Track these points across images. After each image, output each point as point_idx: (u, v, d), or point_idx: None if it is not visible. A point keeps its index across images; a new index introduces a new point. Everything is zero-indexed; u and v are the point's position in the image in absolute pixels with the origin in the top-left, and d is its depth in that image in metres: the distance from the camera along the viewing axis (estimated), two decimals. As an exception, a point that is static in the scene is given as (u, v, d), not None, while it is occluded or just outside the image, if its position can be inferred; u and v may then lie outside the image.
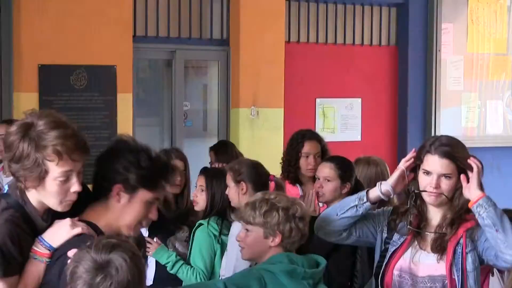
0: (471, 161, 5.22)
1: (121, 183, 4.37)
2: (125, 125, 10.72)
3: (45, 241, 4.31)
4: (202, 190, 7.56)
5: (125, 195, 4.39)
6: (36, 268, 4.35)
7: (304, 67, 12.00)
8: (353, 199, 5.50)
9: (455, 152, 5.26)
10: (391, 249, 5.43)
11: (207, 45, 11.60)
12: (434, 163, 5.18)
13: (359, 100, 12.47)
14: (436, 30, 12.75)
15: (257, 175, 6.88)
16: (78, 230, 4.28)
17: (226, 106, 11.69)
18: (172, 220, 7.51)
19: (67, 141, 4.13)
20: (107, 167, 4.46)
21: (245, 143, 11.18)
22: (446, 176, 5.15)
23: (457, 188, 5.18)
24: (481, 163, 5.28)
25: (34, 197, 4.38)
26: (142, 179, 4.41)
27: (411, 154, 5.37)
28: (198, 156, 10.13)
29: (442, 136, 5.55)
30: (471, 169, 5.21)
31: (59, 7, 10.28)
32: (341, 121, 12.31)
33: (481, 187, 5.21)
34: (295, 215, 5.01)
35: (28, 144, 4.11)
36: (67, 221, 4.32)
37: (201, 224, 7.17)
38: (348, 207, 5.46)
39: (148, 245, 6.97)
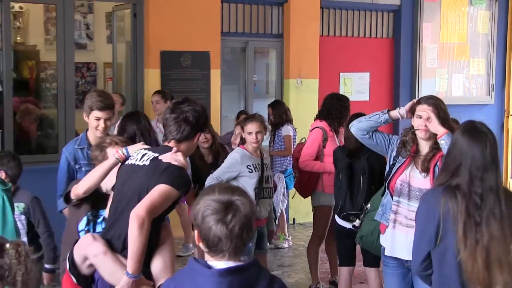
0: (427, 109, 5.41)
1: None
2: (215, 91, 11.21)
3: (127, 150, 4.85)
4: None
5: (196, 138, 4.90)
6: (112, 163, 4.84)
7: (331, 52, 12.24)
8: (379, 112, 5.83)
9: (437, 103, 5.50)
10: (397, 165, 5.67)
11: (268, 37, 11.94)
12: (423, 109, 5.44)
13: (368, 73, 12.79)
14: (419, 27, 12.98)
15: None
16: (177, 162, 4.62)
17: (281, 78, 12.02)
18: (206, 172, 7.35)
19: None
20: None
21: (292, 102, 11.55)
22: (430, 118, 5.38)
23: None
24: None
25: None
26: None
27: (412, 102, 5.67)
28: (262, 110, 10.03)
29: (429, 95, 5.90)
30: (447, 115, 5.50)
31: (174, 14, 10.59)
32: (356, 88, 12.53)
33: (448, 127, 5.34)
34: None
35: None
36: (140, 144, 5.04)
37: None
38: (374, 115, 5.80)
39: None
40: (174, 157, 4.62)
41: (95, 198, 5.06)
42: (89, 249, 4.45)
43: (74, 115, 10.45)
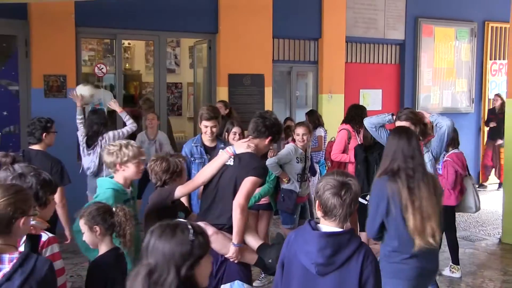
0: (424, 113, 5.77)
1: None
2: (268, 103, 11.09)
3: (234, 148, 4.59)
4: None
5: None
6: (223, 158, 4.60)
7: (353, 74, 12.10)
8: (386, 113, 5.91)
9: (409, 116, 5.68)
10: None
11: (307, 64, 11.75)
12: (400, 123, 5.55)
13: (381, 90, 12.63)
14: (419, 56, 12.83)
15: None
16: (249, 148, 4.58)
17: (316, 93, 11.87)
18: None
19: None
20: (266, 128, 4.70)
21: (325, 111, 11.36)
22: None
23: (418, 133, 5.47)
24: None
25: None
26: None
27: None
28: (302, 118, 10.24)
29: (405, 109, 6.23)
30: (422, 122, 5.75)
31: (238, 47, 10.54)
32: (372, 101, 12.30)
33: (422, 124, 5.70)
34: None
35: None
36: (245, 144, 4.62)
37: None
38: (382, 115, 5.89)
39: None
40: (247, 144, 4.62)
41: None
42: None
43: (166, 120, 10.56)
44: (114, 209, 3.81)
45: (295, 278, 3.22)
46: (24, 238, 3.14)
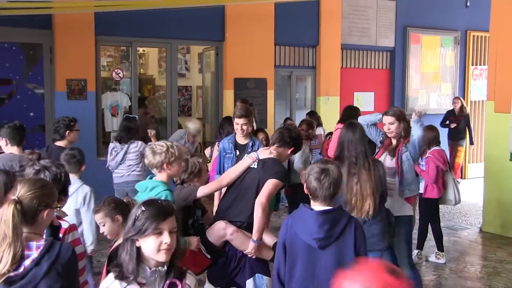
0: (389, 119, 5.53)
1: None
2: (270, 104, 11.02)
3: (257, 154, 4.62)
4: None
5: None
6: (247, 162, 4.60)
7: (348, 78, 12.04)
8: (377, 113, 5.94)
9: (396, 112, 5.58)
10: (377, 150, 5.83)
11: (306, 69, 11.69)
12: (386, 119, 5.55)
13: (373, 93, 12.60)
14: (407, 62, 12.85)
15: None
16: (272, 154, 4.59)
17: (314, 95, 11.82)
18: None
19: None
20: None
21: (322, 112, 11.11)
22: (390, 124, 5.50)
23: (401, 129, 5.50)
24: (420, 115, 5.67)
25: None
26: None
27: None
28: (302, 118, 9.95)
29: (393, 107, 6.29)
30: (405, 119, 5.57)
31: (242, 53, 10.50)
32: (365, 102, 12.21)
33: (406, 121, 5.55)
34: None
35: None
36: (268, 151, 4.61)
37: None
38: (374, 114, 5.91)
39: None
40: (270, 152, 4.63)
41: None
42: (226, 231, 4.39)
43: (177, 119, 10.60)
44: (125, 200, 3.84)
45: (299, 255, 3.33)
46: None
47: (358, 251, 3.31)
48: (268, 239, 4.50)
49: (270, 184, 4.38)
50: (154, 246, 2.55)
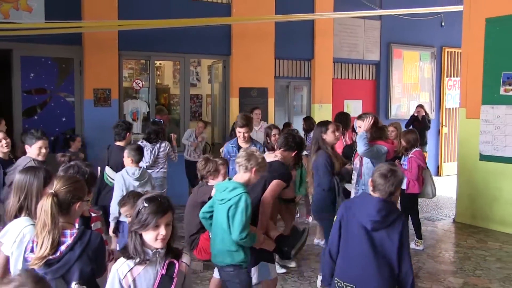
0: (359, 123, 5.47)
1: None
2: (271, 111, 10.85)
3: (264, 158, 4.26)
4: None
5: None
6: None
7: (339, 88, 11.97)
8: (361, 134, 5.45)
9: (361, 117, 5.58)
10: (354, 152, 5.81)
11: (302, 79, 11.54)
12: (358, 123, 5.57)
13: (361, 101, 12.54)
14: (391, 74, 12.76)
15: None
16: (277, 157, 4.58)
17: (310, 103, 11.67)
18: None
19: None
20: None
21: (316, 117, 10.28)
22: (359, 127, 5.49)
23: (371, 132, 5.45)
24: (376, 121, 5.50)
25: None
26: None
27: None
28: (299, 122, 10.35)
29: (364, 113, 5.80)
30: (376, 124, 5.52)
31: (247, 66, 10.36)
32: (354, 109, 12.06)
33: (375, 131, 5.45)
34: None
35: None
36: (273, 155, 4.62)
37: None
38: (362, 138, 5.36)
39: None
40: (275, 155, 4.60)
41: None
42: None
43: (189, 124, 10.42)
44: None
45: (353, 232, 3.35)
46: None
47: (401, 245, 3.28)
48: (272, 232, 4.42)
49: (274, 184, 4.35)
50: (153, 236, 2.60)
